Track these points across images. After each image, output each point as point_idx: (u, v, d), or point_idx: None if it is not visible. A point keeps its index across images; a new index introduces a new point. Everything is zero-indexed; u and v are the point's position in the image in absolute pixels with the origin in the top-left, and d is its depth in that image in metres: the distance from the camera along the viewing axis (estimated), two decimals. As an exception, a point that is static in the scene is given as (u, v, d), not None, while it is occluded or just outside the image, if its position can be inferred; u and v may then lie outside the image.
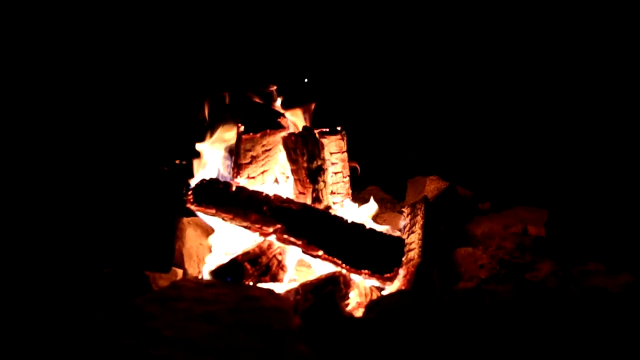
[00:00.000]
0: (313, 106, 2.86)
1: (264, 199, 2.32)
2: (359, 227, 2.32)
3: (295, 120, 2.81)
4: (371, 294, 2.33)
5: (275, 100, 2.87)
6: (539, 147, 4.13)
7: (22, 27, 3.54)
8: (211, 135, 2.71)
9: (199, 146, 2.69)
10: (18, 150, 3.02)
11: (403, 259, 2.30)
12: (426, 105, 4.61)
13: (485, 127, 4.40)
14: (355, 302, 2.30)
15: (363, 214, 2.88)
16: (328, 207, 2.58)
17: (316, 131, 2.72)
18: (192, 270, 2.57)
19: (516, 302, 2.05)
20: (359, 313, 2.19)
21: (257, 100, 2.77)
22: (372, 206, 2.94)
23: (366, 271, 2.18)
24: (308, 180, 2.52)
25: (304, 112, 2.84)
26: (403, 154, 4.34)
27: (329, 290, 2.01)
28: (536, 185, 3.53)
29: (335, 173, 2.83)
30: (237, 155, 2.59)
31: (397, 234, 2.59)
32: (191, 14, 4.18)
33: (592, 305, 2.00)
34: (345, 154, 2.87)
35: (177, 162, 2.58)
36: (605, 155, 3.74)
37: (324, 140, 2.74)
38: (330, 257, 2.20)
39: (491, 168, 3.91)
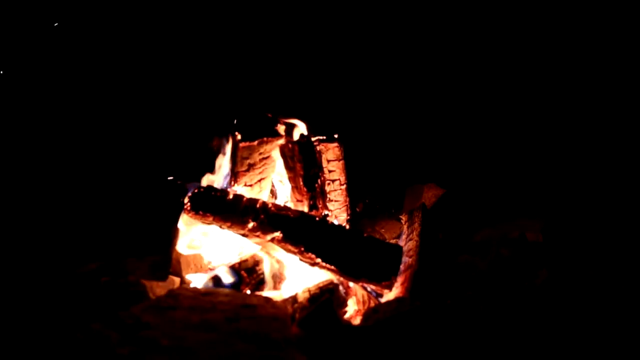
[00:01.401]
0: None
1: (261, 206, 2.32)
2: (356, 235, 2.32)
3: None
4: (369, 302, 2.32)
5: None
6: (536, 154, 4.14)
7: (26, 30, 3.55)
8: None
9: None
10: (18, 155, 3.02)
11: (401, 266, 2.30)
12: (424, 113, 4.63)
13: (483, 135, 4.41)
14: (353, 309, 2.30)
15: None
16: (325, 215, 2.58)
17: (313, 139, 2.73)
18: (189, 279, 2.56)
19: (514, 309, 2.05)
20: (356, 321, 2.18)
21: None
22: None
23: (364, 279, 2.18)
24: (305, 188, 2.52)
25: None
26: (401, 162, 4.35)
27: (327, 298, 2.01)
28: (534, 192, 3.53)
29: (333, 181, 2.84)
30: (234, 163, 2.59)
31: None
32: (192, 17, 4.20)
33: (591, 312, 1.99)
34: (343, 162, 2.87)
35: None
36: (604, 161, 3.76)
37: (321, 148, 2.75)
38: (328, 265, 2.20)
39: (488, 175, 3.91)
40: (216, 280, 2.21)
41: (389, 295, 2.29)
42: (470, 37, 4.56)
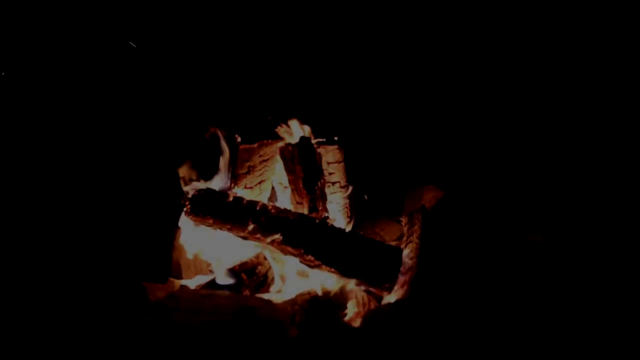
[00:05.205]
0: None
1: (261, 209, 2.32)
2: (356, 237, 2.32)
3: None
4: (369, 304, 2.32)
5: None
6: (535, 152, 4.14)
7: (19, 27, 3.54)
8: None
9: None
10: (16, 156, 3.02)
11: (401, 268, 2.30)
12: (424, 115, 4.63)
13: (482, 134, 4.42)
14: (353, 312, 2.29)
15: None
16: (325, 217, 2.58)
17: (313, 141, 2.73)
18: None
19: (516, 308, 2.05)
20: (356, 323, 2.18)
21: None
22: None
23: (364, 281, 2.18)
24: (305, 191, 2.52)
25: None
26: (400, 163, 4.35)
27: (327, 300, 2.01)
28: (533, 190, 3.53)
29: (333, 183, 2.84)
30: (234, 166, 2.59)
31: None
32: (189, 17, 4.20)
33: (590, 308, 2.00)
34: (343, 164, 2.87)
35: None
36: (603, 159, 3.76)
37: (321, 150, 2.75)
38: (328, 267, 2.20)
39: (487, 175, 3.91)
40: (216, 282, 2.21)
41: (389, 298, 2.29)
42: (469, 39, 4.57)
